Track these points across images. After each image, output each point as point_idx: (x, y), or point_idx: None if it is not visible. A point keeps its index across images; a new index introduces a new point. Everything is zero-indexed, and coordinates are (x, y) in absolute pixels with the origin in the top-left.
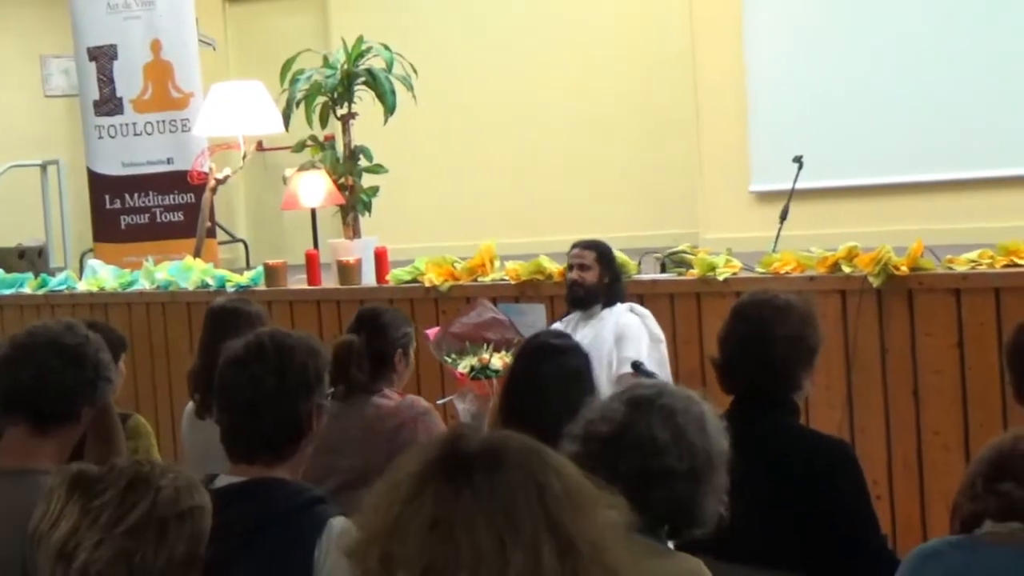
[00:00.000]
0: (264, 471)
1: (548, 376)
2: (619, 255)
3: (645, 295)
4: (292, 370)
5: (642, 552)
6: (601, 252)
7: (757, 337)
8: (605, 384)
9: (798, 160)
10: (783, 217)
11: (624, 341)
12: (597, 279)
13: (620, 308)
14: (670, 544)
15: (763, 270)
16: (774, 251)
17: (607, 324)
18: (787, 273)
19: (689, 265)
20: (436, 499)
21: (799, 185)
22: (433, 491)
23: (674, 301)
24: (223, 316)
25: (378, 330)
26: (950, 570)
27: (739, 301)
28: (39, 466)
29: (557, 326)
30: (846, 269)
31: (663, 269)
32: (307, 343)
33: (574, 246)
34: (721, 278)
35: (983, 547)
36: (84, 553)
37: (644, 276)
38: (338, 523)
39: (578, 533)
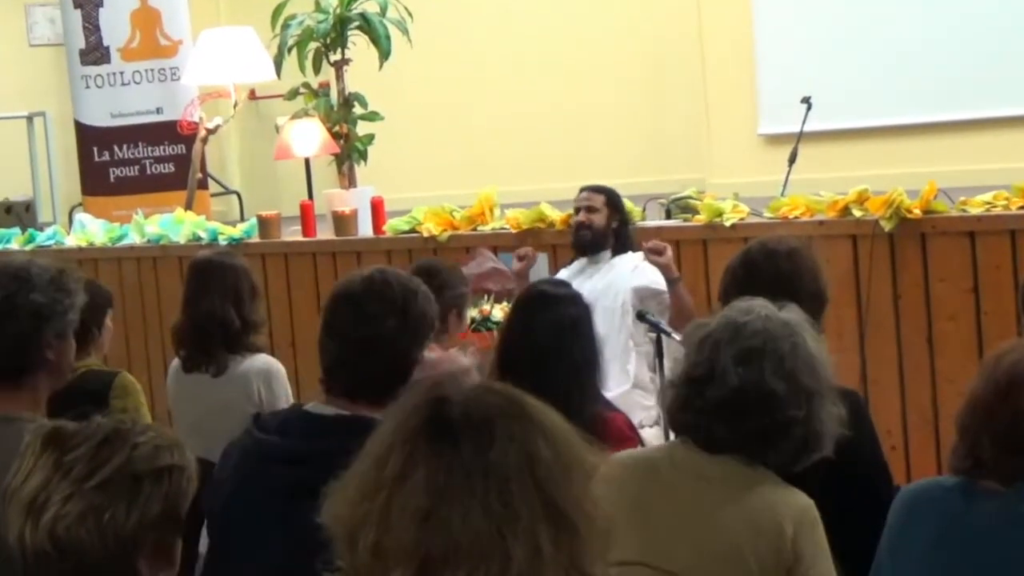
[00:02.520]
0: (364, 411)
1: (545, 326)
2: (625, 202)
3: None
4: (413, 315)
5: (759, 479)
6: (610, 196)
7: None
8: (615, 335)
9: (807, 101)
10: (792, 160)
11: (653, 294)
12: (605, 223)
13: (633, 257)
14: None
15: (771, 215)
16: (782, 195)
17: (620, 272)
18: (796, 218)
19: (695, 211)
20: (427, 482)
21: (808, 127)
22: (424, 472)
23: (680, 248)
24: (205, 270)
25: (435, 290)
26: (950, 516)
27: (744, 256)
28: (18, 414)
29: (563, 274)
30: (857, 213)
31: (668, 215)
32: (427, 291)
33: (582, 190)
34: (728, 224)
35: (980, 494)
36: (53, 507)
37: (649, 223)
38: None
39: (572, 504)
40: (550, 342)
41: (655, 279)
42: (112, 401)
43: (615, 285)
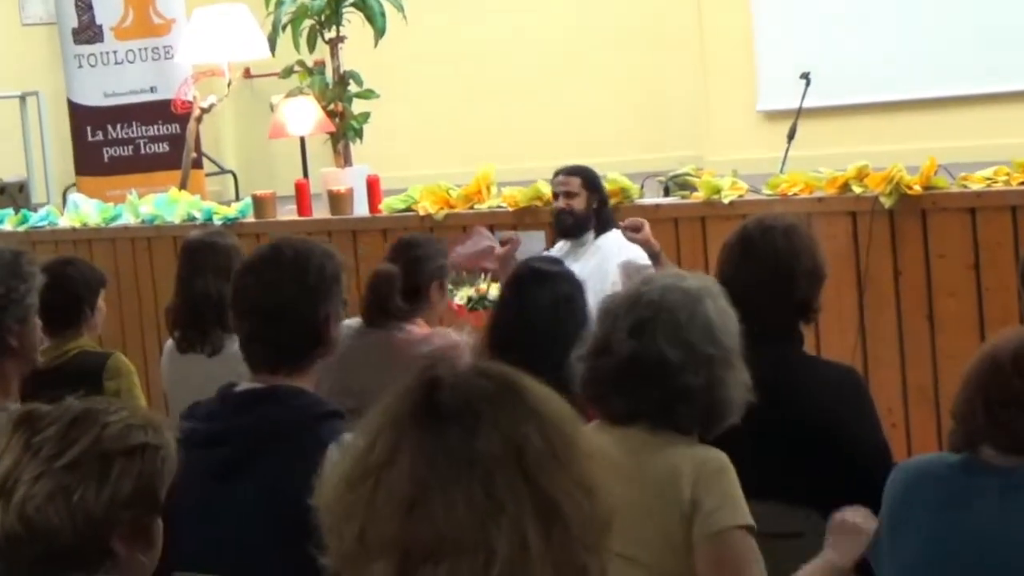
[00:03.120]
0: (286, 379)
1: (537, 303)
2: (621, 179)
3: (648, 219)
4: (310, 274)
5: (662, 444)
6: (587, 177)
7: (776, 276)
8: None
9: (806, 77)
10: (791, 136)
11: (638, 272)
12: (585, 205)
13: (617, 235)
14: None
15: (770, 192)
16: (781, 172)
17: (607, 252)
18: (795, 195)
19: (693, 188)
20: (411, 472)
21: (807, 103)
22: (408, 459)
23: (678, 225)
24: (198, 250)
25: (415, 261)
26: (951, 491)
27: (741, 233)
28: None
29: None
30: (856, 189)
31: (667, 192)
32: (322, 247)
33: (557, 173)
34: (727, 200)
35: (981, 468)
36: (22, 488)
37: (647, 200)
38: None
39: (563, 493)
40: (544, 318)
41: (639, 254)
42: (105, 382)
43: (603, 266)
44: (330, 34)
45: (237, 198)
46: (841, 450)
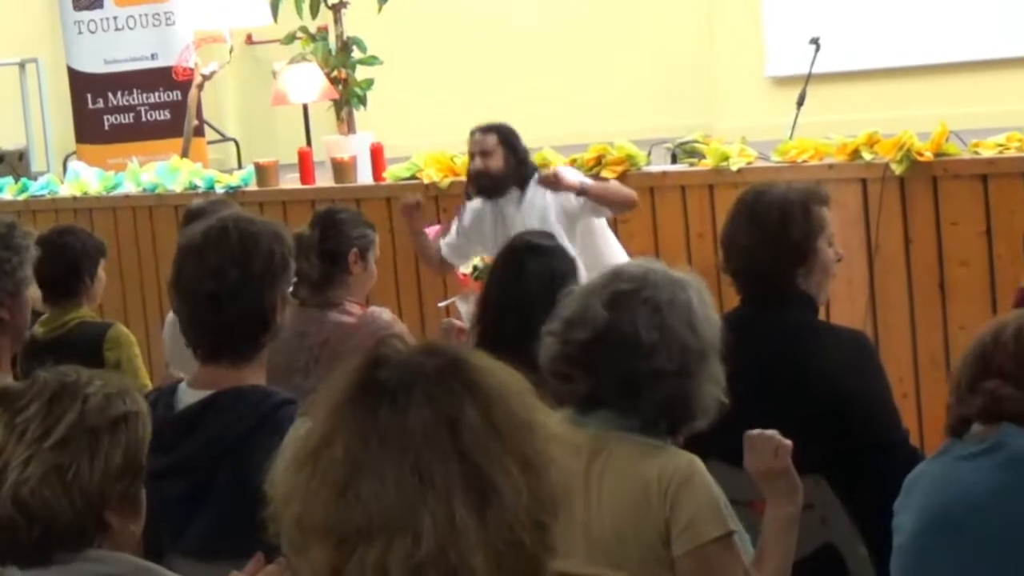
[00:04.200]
0: (231, 372)
1: (530, 277)
2: (628, 146)
3: (655, 187)
4: (257, 258)
5: (634, 453)
6: (503, 134)
7: (757, 242)
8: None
9: (815, 42)
10: (800, 103)
11: (579, 208)
12: (503, 164)
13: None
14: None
15: (779, 159)
16: (791, 138)
17: (542, 199)
18: (804, 161)
19: (701, 155)
20: (345, 452)
21: (816, 68)
22: (342, 440)
23: (686, 193)
24: (198, 219)
25: (332, 226)
26: (930, 482)
27: (743, 200)
28: None
29: (470, 218)
30: (867, 156)
31: (674, 160)
32: (272, 228)
33: (473, 132)
34: (735, 168)
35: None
36: (13, 473)
37: (654, 167)
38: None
39: (500, 472)
40: (535, 294)
41: (570, 198)
42: (106, 353)
43: (545, 213)
44: (333, 0)
45: (239, 166)
46: (850, 416)
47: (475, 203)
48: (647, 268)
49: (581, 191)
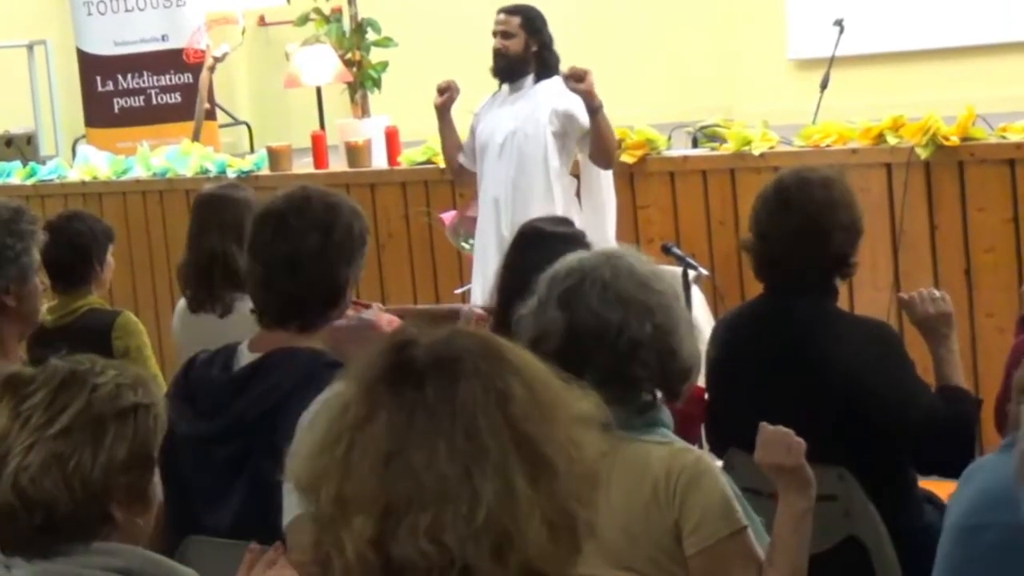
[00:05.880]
0: (293, 338)
1: (541, 265)
2: (648, 130)
3: (676, 172)
4: (338, 229)
5: (640, 452)
6: (527, 17)
7: (813, 229)
8: (539, 164)
9: (839, 24)
10: (823, 86)
11: (573, 119)
12: (522, 47)
13: (557, 81)
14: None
15: (802, 143)
16: (814, 122)
17: (542, 97)
18: (828, 146)
19: (723, 139)
20: (389, 425)
21: (840, 51)
22: (385, 415)
23: (707, 178)
24: (211, 204)
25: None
26: (984, 474)
27: (777, 184)
28: None
29: (484, 102)
30: (892, 140)
31: (695, 144)
32: (351, 204)
33: (499, 11)
34: (757, 152)
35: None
36: (15, 460)
37: (675, 151)
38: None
39: (550, 444)
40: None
41: (575, 105)
42: (114, 341)
43: (537, 111)
44: None
45: (252, 150)
46: (874, 407)
47: (494, 96)
48: (578, 257)
49: (597, 105)
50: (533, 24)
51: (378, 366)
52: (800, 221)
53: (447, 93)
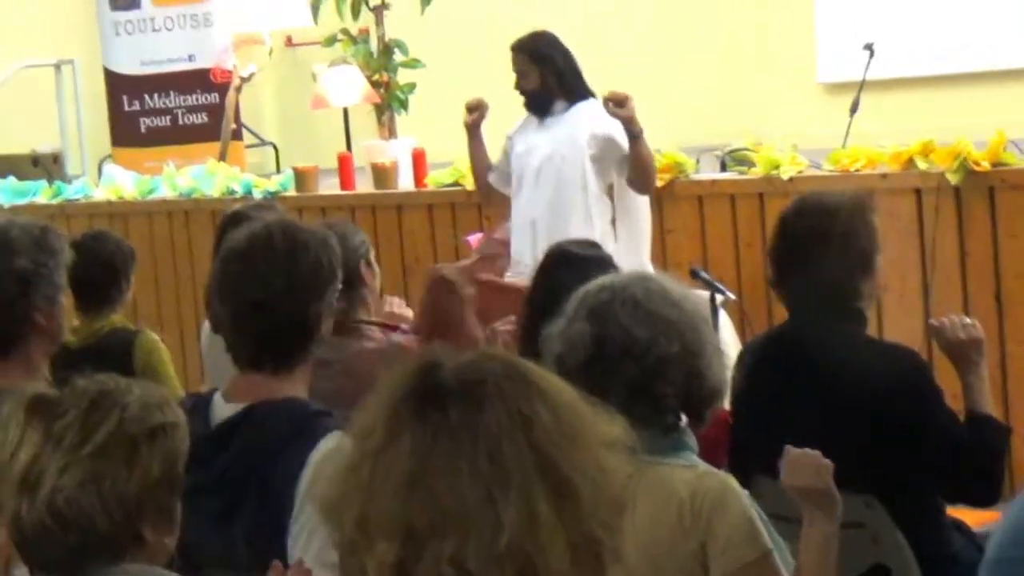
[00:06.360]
0: (270, 382)
1: (570, 287)
2: (676, 153)
3: (704, 195)
4: (304, 268)
5: (664, 475)
6: (531, 51)
7: (802, 253)
8: (577, 188)
9: (869, 48)
10: (853, 110)
11: (612, 142)
12: (539, 81)
13: (594, 104)
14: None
15: (831, 167)
16: (843, 146)
17: (580, 121)
18: (857, 170)
19: (751, 163)
20: (412, 448)
21: (870, 75)
22: (409, 438)
23: (735, 201)
24: (236, 224)
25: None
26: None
27: (784, 210)
28: (8, 385)
29: (517, 125)
30: (922, 165)
31: (723, 167)
32: (320, 236)
33: (511, 49)
34: (786, 176)
35: None
36: (50, 480)
37: (703, 175)
38: (334, 437)
39: (575, 469)
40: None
41: (615, 129)
42: (135, 360)
43: (575, 134)
44: (375, 1)
45: (278, 171)
46: (900, 435)
47: (519, 124)
48: (611, 277)
49: (637, 132)
50: (539, 55)
51: (402, 388)
52: (790, 246)
53: (477, 111)
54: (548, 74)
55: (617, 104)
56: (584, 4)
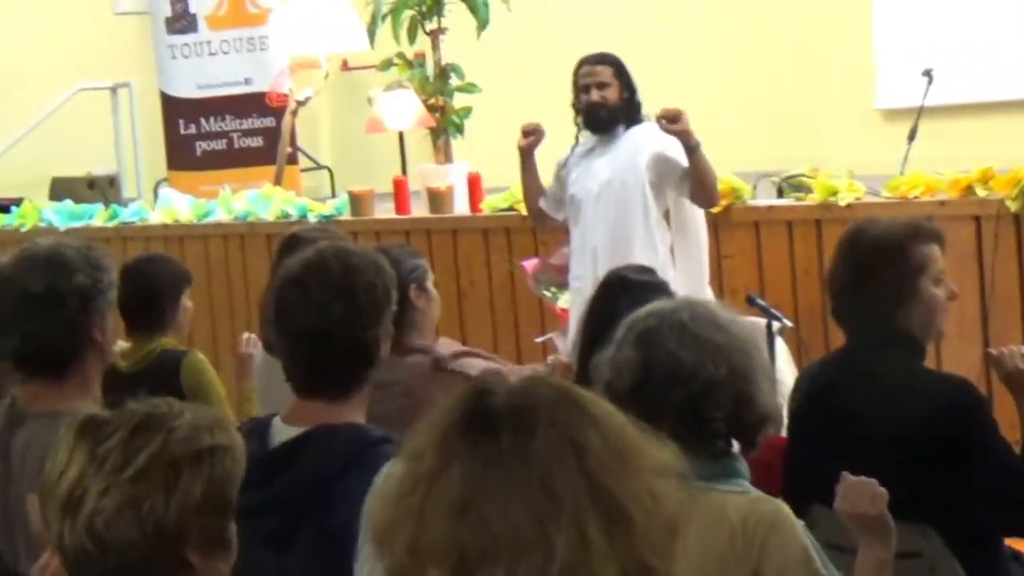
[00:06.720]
0: (329, 409)
1: (626, 314)
2: (732, 179)
3: (761, 222)
4: (360, 292)
5: (716, 501)
6: (617, 65)
7: (857, 281)
8: (638, 212)
9: (928, 74)
10: (911, 136)
11: (671, 161)
12: (618, 96)
13: (648, 126)
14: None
15: (889, 194)
16: (901, 173)
17: (638, 144)
18: (915, 197)
19: (808, 189)
20: (463, 475)
21: (929, 101)
22: (460, 464)
23: (792, 228)
24: (293, 247)
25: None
26: None
27: (843, 237)
28: (66, 407)
29: (569, 154)
30: (981, 192)
31: (780, 194)
32: (373, 260)
33: (583, 63)
34: (843, 203)
35: None
36: (90, 502)
37: (760, 201)
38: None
39: (627, 495)
40: None
41: (672, 146)
42: (183, 380)
43: (635, 158)
44: (431, 25)
45: (333, 195)
46: (955, 466)
47: (571, 150)
48: (660, 303)
49: (694, 144)
50: (624, 71)
51: (454, 414)
52: (846, 274)
53: (533, 136)
54: (625, 91)
55: (670, 120)
56: (642, 28)
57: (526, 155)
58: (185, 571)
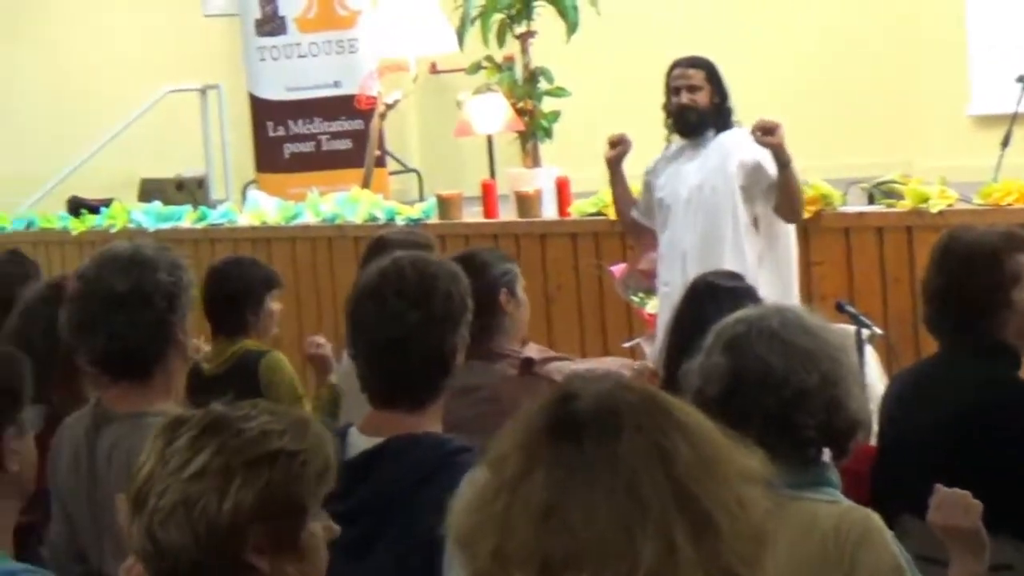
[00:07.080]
0: (406, 419)
1: (714, 320)
2: (823, 185)
3: (851, 228)
4: (437, 301)
5: (807, 510)
6: (710, 69)
7: (947, 289)
8: (728, 218)
9: (1022, 80)
10: (1005, 143)
11: (760, 170)
12: (708, 100)
13: (739, 132)
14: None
15: (981, 201)
16: (994, 180)
17: (728, 150)
18: (1009, 205)
19: (900, 196)
20: (548, 480)
21: (1023, 108)
22: (544, 470)
23: (883, 235)
24: (380, 250)
25: (475, 272)
26: None
27: (937, 244)
28: (151, 408)
29: (657, 159)
30: None
31: (871, 200)
32: (449, 268)
33: (676, 66)
34: (935, 210)
35: None
36: (152, 500)
37: (850, 208)
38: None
39: (714, 502)
40: None
41: (763, 156)
42: (261, 379)
43: (724, 164)
44: (520, 28)
45: (421, 198)
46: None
47: (670, 150)
48: (748, 310)
49: (786, 160)
50: (716, 76)
51: (538, 419)
52: (938, 282)
53: (619, 147)
54: (716, 96)
55: (766, 132)
56: (733, 34)
57: (614, 166)
58: (248, 573)
